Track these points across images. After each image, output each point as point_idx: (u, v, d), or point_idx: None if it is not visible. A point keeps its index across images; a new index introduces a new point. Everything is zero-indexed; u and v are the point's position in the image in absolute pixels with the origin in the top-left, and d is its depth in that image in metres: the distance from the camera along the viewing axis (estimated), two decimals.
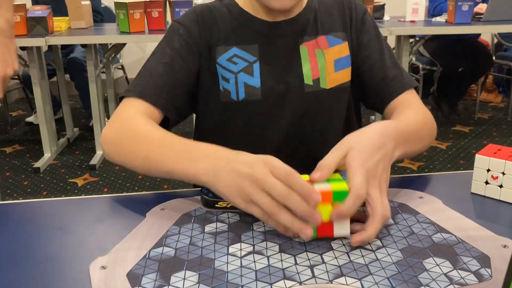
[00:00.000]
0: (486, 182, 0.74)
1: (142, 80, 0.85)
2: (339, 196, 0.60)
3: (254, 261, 0.58)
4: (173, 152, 0.69)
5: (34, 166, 2.88)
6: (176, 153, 0.69)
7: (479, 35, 3.70)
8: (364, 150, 0.65)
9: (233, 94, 0.88)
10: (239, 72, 0.87)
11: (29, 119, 3.69)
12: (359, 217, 0.64)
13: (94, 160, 2.93)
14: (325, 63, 0.90)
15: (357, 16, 0.93)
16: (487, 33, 3.88)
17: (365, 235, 0.60)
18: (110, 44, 3.11)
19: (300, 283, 0.54)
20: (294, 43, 0.90)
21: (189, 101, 0.91)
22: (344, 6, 0.93)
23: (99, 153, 3.02)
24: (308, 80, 0.89)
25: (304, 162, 0.88)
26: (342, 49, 0.91)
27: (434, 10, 3.22)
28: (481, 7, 3.06)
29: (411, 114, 0.84)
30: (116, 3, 2.80)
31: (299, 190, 0.58)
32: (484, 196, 0.75)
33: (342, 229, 0.62)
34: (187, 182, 0.68)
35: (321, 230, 0.61)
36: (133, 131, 0.76)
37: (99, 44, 3.11)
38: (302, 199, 0.57)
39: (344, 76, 0.91)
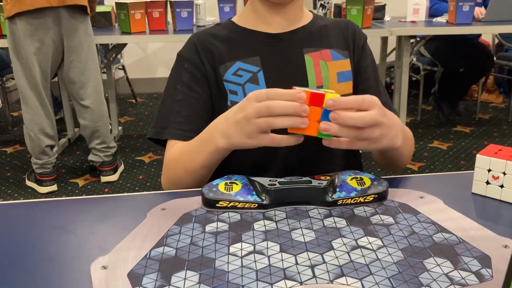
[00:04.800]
0: (487, 182, 0.74)
1: (164, 120, 0.93)
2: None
3: (255, 261, 0.58)
4: (195, 150, 0.83)
5: None
6: (197, 149, 0.82)
7: (479, 35, 3.70)
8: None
9: None
10: (246, 83, 0.91)
11: None
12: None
13: None
14: (328, 74, 0.92)
15: (360, 41, 0.98)
16: (488, 34, 3.88)
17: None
18: (111, 44, 3.11)
19: (301, 283, 0.54)
20: (298, 52, 0.92)
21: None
22: (349, 28, 0.98)
23: None
24: (312, 86, 0.91)
25: (312, 162, 0.90)
26: (345, 64, 0.95)
27: (430, 10, 3.22)
28: (481, 11, 3.06)
29: (406, 128, 0.92)
30: (117, 3, 2.81)
31: (285, 97, 0.67)
32: (485, 196, 0.75)
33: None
34: (221, 158, 0.81)
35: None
36: (170, 163, 0.89)
37: (100, 44, 3.11)
38: (289, 101, 0.66)
39: (346, 88, 0.94)
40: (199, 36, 0.96)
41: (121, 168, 2.86)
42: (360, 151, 0.98)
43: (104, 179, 2.71)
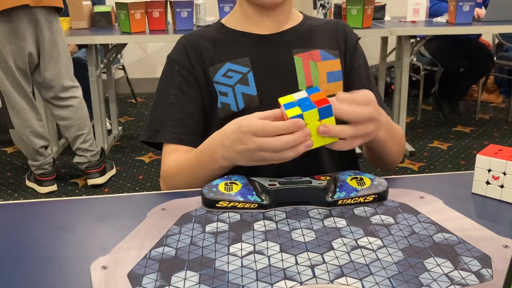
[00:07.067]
0: (487, 182, 0.74)
1: (157, 123, 0.93)
2: (325, 112, 0.68)
3: (255, 261, 0.58)
4: (197, 168, 0.83)
5: None
6: (200, 167, 0.82)
7: (480, 35, 3.70)
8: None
9: (233, 106, 0.91)
10: (236, 84, 0.91)
11: None
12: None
13: None
14: (318, 74, 0.93)
15: (351, 41, 0.98)
16: (488, 34, 3.88)
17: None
18: (111, 44, 3.11)
19: (301, 283, 0.54)
20: (287, 53, 0.93)
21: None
22: (340, 28, 0.98)
23: None
24: (302, 87, 0.92)
25: (301, 161, 0.90)
26: (335, 64, 0.95)
27: (430, 10, 3.22)
28: (480, 13, 3.06)
29: (396, 125, 0.93)
30: (117, 3, 2.81)
31: (284, 130, 0.67)
32: (485, 196, 0.75)
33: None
34: (226, 171, 0.81)
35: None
36: (169, 173, 0.89)
37: (100, 45, 3.11)
38: (290, 134, 0.67)
39: (336, 88, 0.94)
40: (188, 38, 0.97)
41: (112, 172, 2.78)
42: (357, 151, 0.98)
43: (90, 182, 2.63)
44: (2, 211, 0.74)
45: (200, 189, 0.74)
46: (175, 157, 0.89)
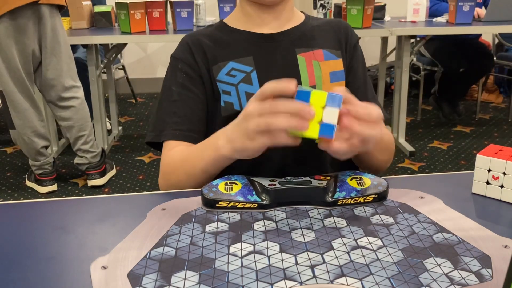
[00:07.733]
0: (487, 182, 0.74)
1: (162, 122, 0.93)
2: (332, 99, 0.65)
3: (255, 261, 0.58)
4: (197, 157, 0.83)
5: None
6: (200, 154, 0.82)
7: (480, 35, 3.70)
8: None
9: (236, 105, 0.91)
10: (239, 83, 0.91)
11: None
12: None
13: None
14: (321, 73, 0.93)
15: (352, 42, 0.98)
16: (488, 34, 3.88)
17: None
18: (111, 44, 3.11)
19: (301, 283, 0.54)
20: (290, 52, 0.93)
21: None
22: (341, 28, 0.98)
23: None
24: (305, 86, 0.91)
25: (304, 159, 0.90)
26: (337, 64, 0.95)
27: (430, 10, 3.22)
28: (480, 13, 3.07)
29: (386, 131, 0.91)
30: (117, 3, 2.81)
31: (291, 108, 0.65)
32: (485, 196, 0.75)
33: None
34: (222, 167, 0.81)
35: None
36: (170, 166, 0.89)
37: (100, 45, 3.11)
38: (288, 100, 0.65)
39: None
40: (191, 37, 0.97)
41: (112, 172, 2.78)
42: None
43: (90, 183, 2.63)
44: (2, 211, 0.74)
45: (200, 189, 0.74)
46: (176, 150, 0.89)
